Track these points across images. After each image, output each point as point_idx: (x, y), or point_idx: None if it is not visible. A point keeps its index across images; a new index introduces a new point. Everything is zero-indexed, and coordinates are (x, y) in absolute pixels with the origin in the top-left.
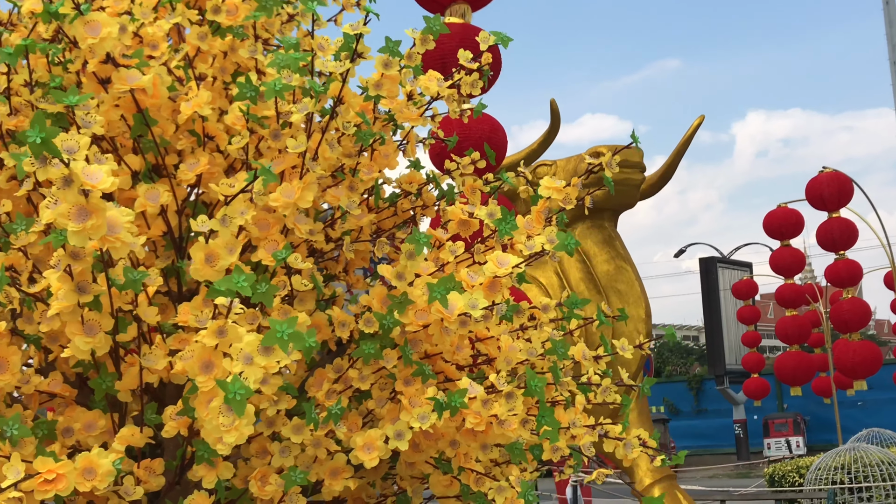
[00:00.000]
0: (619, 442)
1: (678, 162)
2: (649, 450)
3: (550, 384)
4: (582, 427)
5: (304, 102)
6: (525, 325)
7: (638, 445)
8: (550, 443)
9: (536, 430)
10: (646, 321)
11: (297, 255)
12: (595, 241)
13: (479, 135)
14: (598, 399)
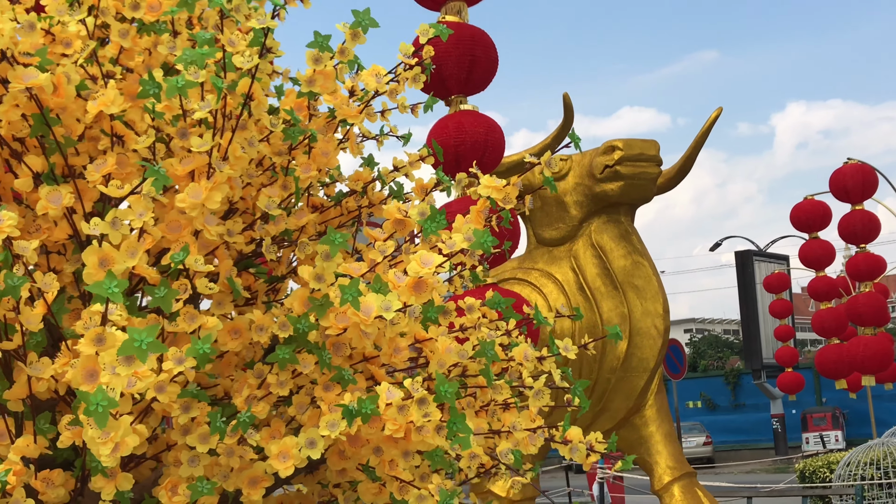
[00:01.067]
0: (568, 445)
1: (696, 155)
2: (596, 454)
3: (485, 387)
4: (524, 431)
5: (207, 99)
6: (465, 326)
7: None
8: (463, 449)
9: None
10: (663, 317)
11: (197, 257)
12: (611, 236)
13: (475, 137)
14: (532, 403)
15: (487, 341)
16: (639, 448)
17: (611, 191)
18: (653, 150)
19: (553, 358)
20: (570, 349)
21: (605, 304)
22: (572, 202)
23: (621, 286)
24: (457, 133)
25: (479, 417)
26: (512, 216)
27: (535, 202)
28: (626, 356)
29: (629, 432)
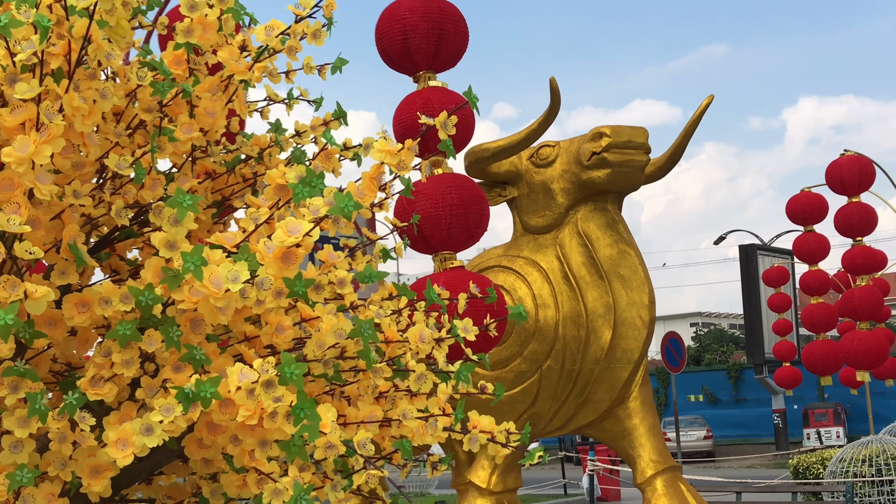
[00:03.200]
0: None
1: (686, 144)
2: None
3: (363, 371)
4: (414, 420)
5: (31, 40)
6: (357, 304)
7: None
8: (310, 439)
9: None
10: (649, 307)
11: (12, 217)
12: (598, 224)
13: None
14: (414, 387)
15: (365, 320)
16: (622, 440)
17: (598, 178)
18: (641, 138)
19: (451, 340)
20: (470, 330)
21: (589, 294)
22: (559, 189)
23: (607, 275)
24: (423, 110)
25: (374, 405)
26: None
27: (522, 189)
28: (610, 347)
29: (612, 424)
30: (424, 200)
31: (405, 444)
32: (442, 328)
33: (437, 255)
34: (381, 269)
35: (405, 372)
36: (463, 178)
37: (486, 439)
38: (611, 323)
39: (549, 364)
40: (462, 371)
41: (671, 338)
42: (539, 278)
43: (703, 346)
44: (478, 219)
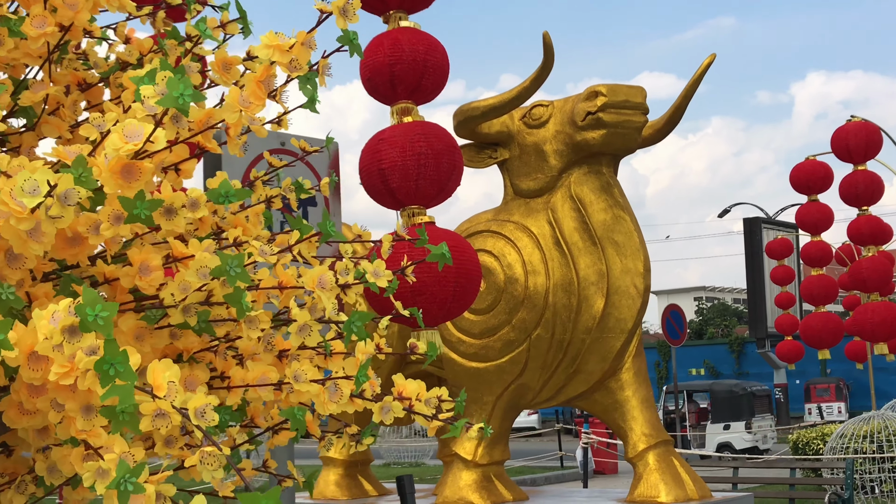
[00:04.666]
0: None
1: (685, 105)
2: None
3: (233, 320)
4: (308, 383)
5: None
6: (241, 241)
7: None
8: (122, 402)
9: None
10: (644, 275)
11: None
12: (592, 188)
13: (413, 56)
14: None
15: (233, 254)
16: (613, 413)
17: (592, 139)
18: (639, 98)
19: (359, 287)
20: (381, 275)
21: (581, 261)
22: (552, 151)
23: (600, 241)
24: (392, 51)
25: (276, 365)
26: None
27: (514, 150)
28: (602, 316)
29: (604, 396)
30: (390, 149)
31: (295, 412)
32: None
33: (404, 210)
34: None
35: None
36: (433, 126)
37: (401, 409)
38: (604, 291)
39: (538, 333)
40: (353, 322)
41: (672, 310)
42: (529, 244)
43: (705, 320)
44: (449, 170)
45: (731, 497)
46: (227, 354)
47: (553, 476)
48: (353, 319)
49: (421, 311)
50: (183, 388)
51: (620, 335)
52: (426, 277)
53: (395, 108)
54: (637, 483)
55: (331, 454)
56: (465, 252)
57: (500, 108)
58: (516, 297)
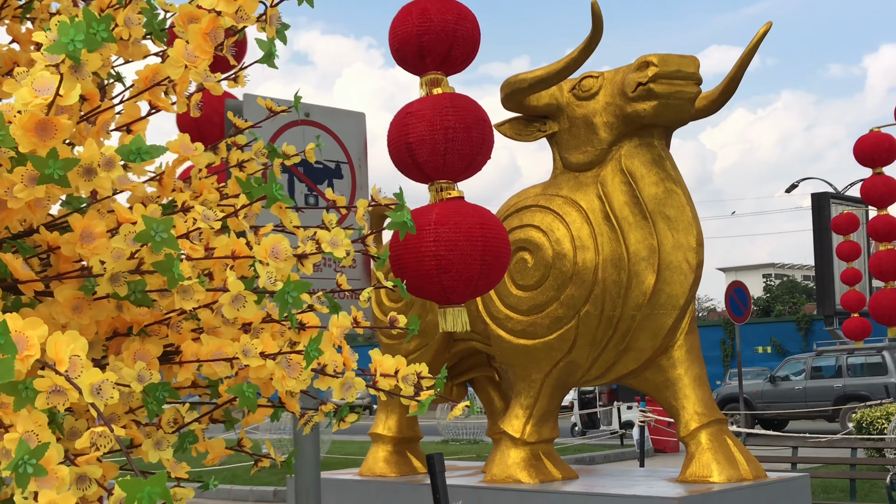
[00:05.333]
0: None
1: (741, 75)
2: (429, 392)
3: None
4: (258, 358)
5: None
6: (189, 206)
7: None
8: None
9: None
10: (696, 250)
11: None
12: (643, 161)
13: (443, 26)
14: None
15: (156, 218)
16: (665, 391)
17: (643, 111)
18: (691, 67)
19: (317, 257)
20: (339, 244)
21: (632, 236)
22: (601, 123)
23: (651, 216)
24: (421, 21)
25: (232, 340)
26: None
27: (563, 123)
28: (653, 292)
29: (655, 374)
30: (418, 122)
31: (244, 389)
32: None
33: (432, 185)
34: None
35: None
36: (463, 98)
37: (363, 385)
38: (655, 266)
39: (587, 310)
40: (287, 292)
41: (736, 287)
42: (578, 218)
43: (773, 297)
44: (479, 143)
45: (787, 477)
46: (180, 327)
47: (613, 454)
48: (287, 289)
49: (446, 287)
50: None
51: (672, 311)
52: (452, 255)
53: (424, 79)
54: (689, 462)
55: (379, 430)
56: (493, 229)
57: (548, 80)
58: (564, 272)
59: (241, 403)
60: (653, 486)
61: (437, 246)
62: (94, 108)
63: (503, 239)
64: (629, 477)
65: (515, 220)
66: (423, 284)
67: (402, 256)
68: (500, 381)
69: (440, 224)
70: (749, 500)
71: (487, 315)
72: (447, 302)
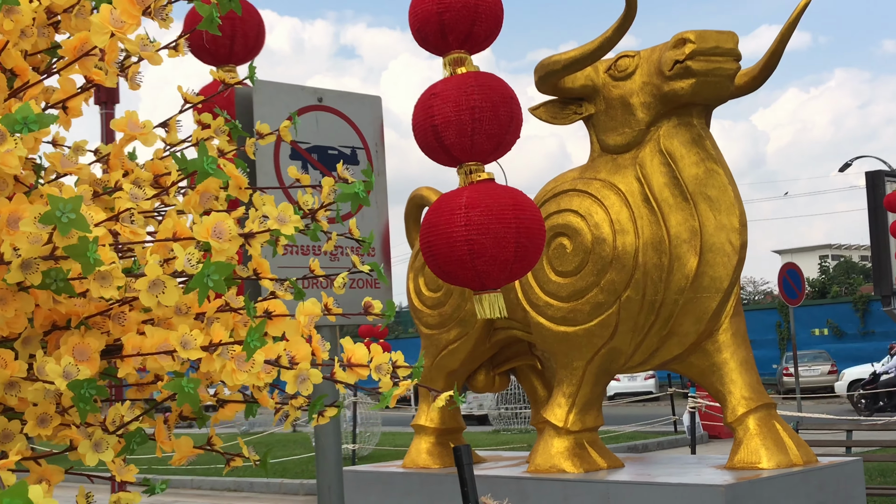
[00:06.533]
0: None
1: (782, 50)
2: (407, 382)
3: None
4: (198, 350)
5: None
6: (120, 185)
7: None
8: None
9: None
10: (740, 231)
11: None
12: (682, 140)
13: (464, 2)
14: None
15: (63, 197)
16: (710, 376)
17: (681, 90)
18: (730, 43)
19: (264, 237)
20: (288, 221)
21: (672, 218)
22: (639, 104)
23: (692, 197)
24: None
25: (196, 328)
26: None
27: (599, 105)
28: (696, 275)
29: (700, 359)
30: (443, 104)
31: (183, 385)
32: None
33: (461, 167)
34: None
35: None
36: (489, 76)
37: (320, 377)
38: (697, 249)
39: (628, 295)
40: (206, 275)
41: (789, 269)
42: (617, 202)
43: (830, 279)
44: (507, 122)
45: (839, 462)
46: (124, 318)
47: (666, 441)
48: (206, 272)
49: (480, 272)
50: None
51: (716, 294)
52: (484, 239)
53: (447, 59)
54: (737, 449)
55: (421, 422)
56: (526, 210)
57: (582, 61)
58: (604, 257)
59: (180, 400)
60: (700, 474)
61: (469, 230)
62: (23, 84)
63: (538, 220)
64: (677, 464)
65: (553, 205)
66: (456, 270)
67: (433, 243)
68: (542, 370)
69: (471, 207)
70: (799, 486)
71: (527, 302)
72: (482, 288)
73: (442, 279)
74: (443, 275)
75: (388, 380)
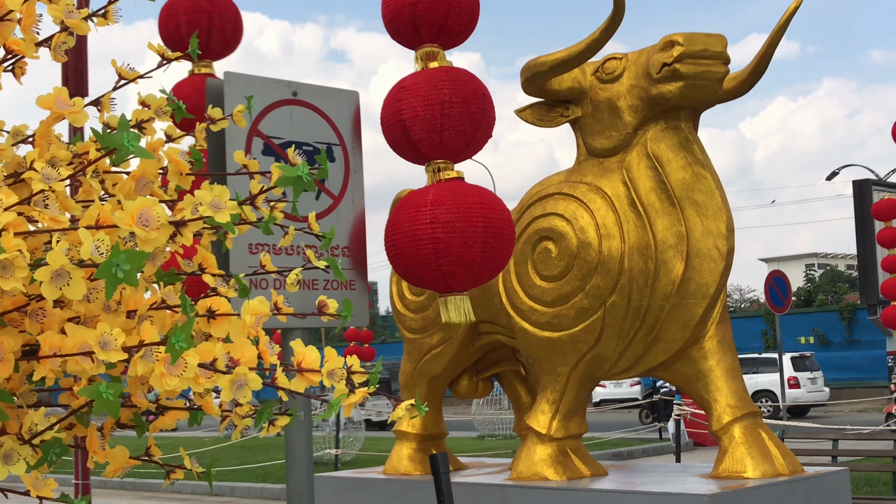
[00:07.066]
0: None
1: (771, 54)
2: (363, 390)
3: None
4: (119, 351)
5: None
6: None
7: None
8: None
9: None
10: (727, 236)
11: None
12: (669, 144)
13: None
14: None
15: None
16: (696, 383)
17: (669, 93)
18: (719, 46)
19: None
20: (224, 207)
21: (659, 222)
22: (626, 107)
23: (679, 202)
24: None
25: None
26: None
27: (586, 108)
28: (682, 281)
29: (686, 366)
30: (412, 98)
31: (101, 390)
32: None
33: (429, 165)
34: None
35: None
36: (461, 72)
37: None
38: (683, 254)
39: (613, 300)
40: (116, 264)
41: (776, 276)
42: (603, 206)
43: (816, 287)
44: (479, 120)
45: (825, 472)
46: (41, 316)
47: (651, 448)
48: (114, 261)
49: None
50: None
51: (702, 301)
52: (450, 237)
53: (419, 52)
54: (722, 457)
55: (403, 428)
56: (495, 209)
57: (569, 62)
58: (589, 262)
59: (97, 408)
60: (685, 483)
61: (435, 228)
62: None
63: (506, 220)
64: (662, 473)
65: (538, 208)
66: (421, 270)
67: (396, 241)
68: (526, 376)
69: (437, 204)
70: (785, 496)
71: (511, 307)
72: (447, 289)
73: (406, 279)
74: (407, 275)
75: (343, 386)
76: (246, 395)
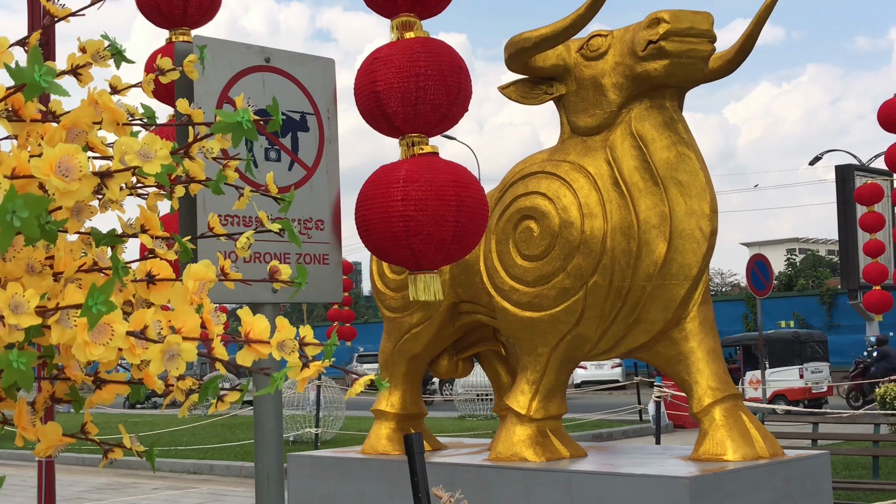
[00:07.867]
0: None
1: (758, 33)
2: (318, 363)
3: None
4: (32, 315)
5: None
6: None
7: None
8: None
9: None
10: (710, 217)
11: None
12: (654, 123)
13: None
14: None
15: None
16: (677, 365)
17: (654, 71)
18: (705, 24)
19: (160, 199)
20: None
21: (642, 202)
22: (610, 85)
23: (662, 181)
24: None
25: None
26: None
27: (570, 85)
28: (664, 261)
29: (667, 347)
30: (387, 69)
31: (11, 359)
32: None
33: (403, 139)
34: None
35: None
36: (437, 43)
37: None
38: (666, 235)
39: (595, 280)
40: (12, 210)
41: (757, 260)
42: (586, 185)
43: (797, 272)
44: (455, 93)
45: (805, 455)
46: None
47: (631, 430)
48: (9, 206)
49: (416, 251)
50: None
51: (684, 282)
52: (422, 215)
53: (395, 21)
54: (702, 440)
55: (382, 407)
56: (468, 187)
57: (554, 38)
58: (571, 242)
59: (6, 378)
60: (664, 465)
61: (406, 205)
62: None
63: (480, 199)
64: (641, 455)
65: (521, 187)
66: (391, 248)
67: (367, 217)
68: (506, 356)
69: (409, 181)
70: (765, 479)
71: (492, 286)
72: (418, 267)
73: (376, 256)
74: (377, 251)
75: (296, 359)
76: (179, 366)
